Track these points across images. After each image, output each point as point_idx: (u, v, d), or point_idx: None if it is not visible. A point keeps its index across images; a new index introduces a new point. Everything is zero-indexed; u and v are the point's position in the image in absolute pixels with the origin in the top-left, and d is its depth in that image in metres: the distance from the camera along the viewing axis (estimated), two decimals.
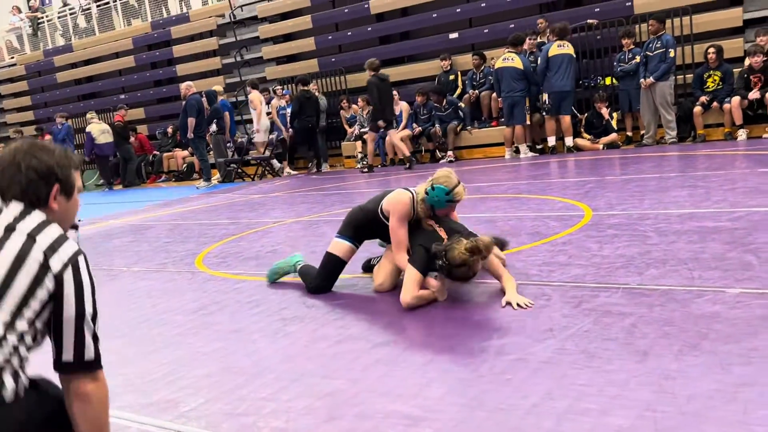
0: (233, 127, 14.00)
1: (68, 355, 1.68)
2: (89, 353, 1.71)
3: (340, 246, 4.06)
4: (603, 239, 4.51)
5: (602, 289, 3.44)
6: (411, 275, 3.56)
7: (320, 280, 4.09)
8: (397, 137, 11.75)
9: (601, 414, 2.17)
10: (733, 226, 4.39)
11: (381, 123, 11.21)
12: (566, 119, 10.34)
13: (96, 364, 1.72)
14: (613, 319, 3.00)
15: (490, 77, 11.32)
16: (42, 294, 1.64)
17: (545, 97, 10.34)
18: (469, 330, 3.15)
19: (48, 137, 17.87)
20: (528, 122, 10.64)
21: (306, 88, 12.68)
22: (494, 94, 11.30)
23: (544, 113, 10.50)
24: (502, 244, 4.22)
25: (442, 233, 3.70)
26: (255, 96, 13.04)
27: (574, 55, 10.32)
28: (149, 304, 4.39)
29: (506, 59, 10.42)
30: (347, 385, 2.66)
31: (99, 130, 15.30)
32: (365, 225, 4.06)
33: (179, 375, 3.01)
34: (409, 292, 3.50)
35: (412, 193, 3.85)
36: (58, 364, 1.70)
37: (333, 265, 4.06)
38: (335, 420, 2.37)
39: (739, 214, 4.74)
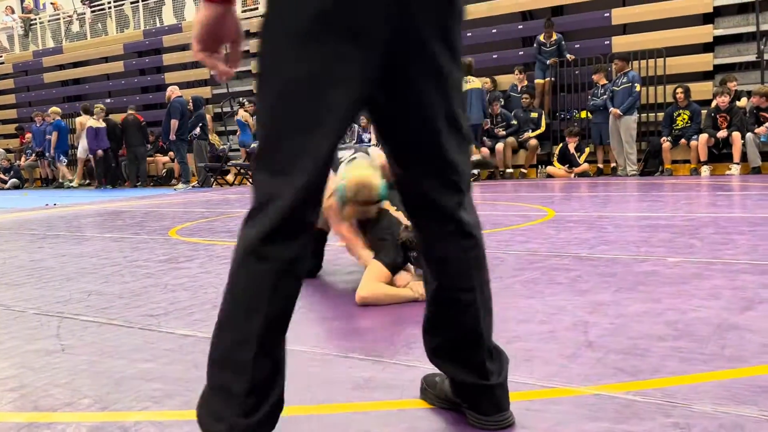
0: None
1: None
2: None
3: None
4: (561, 228, 4.74)
5: (554, 256, 3.64)
6: (373, 269, 2.85)
7: None
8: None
9: (538, 323, 2.35)
10: (684, 224, 4.66)
11: None
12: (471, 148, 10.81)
13: None
14: (560, 272, 3.21)
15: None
16: None
17: None
18: None
19: (28, 136, 17.94)
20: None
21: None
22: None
23: None
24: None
25: (402, 216, 2.95)
26: (81, 120, 14.92)
27: (482, 87, 10.84)
28: (120, 256, 4.51)
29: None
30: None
31: None
32: None
33: (149, 298, 3.15)
34: (366, 286, 2.78)
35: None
36: None
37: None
38: None
39: (692, 217, 5.01)
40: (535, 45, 11.78)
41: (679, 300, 2.57)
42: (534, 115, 11.32)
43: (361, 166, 3.05)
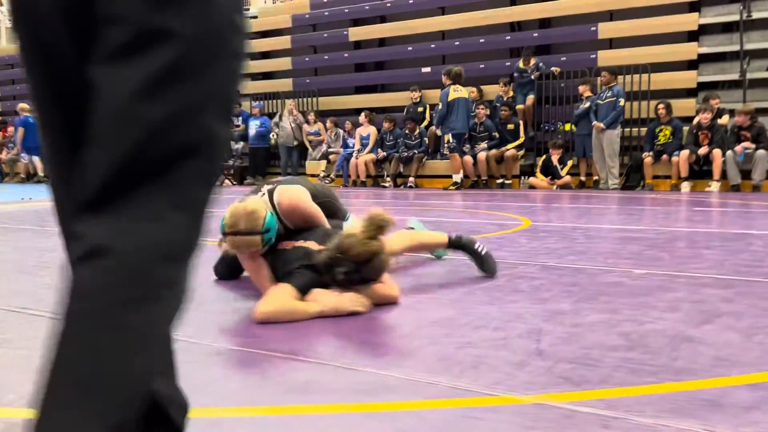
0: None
1: None
2: None
3: None
4: (534, 238, 4.70)
5: (521, 264, 3.60)
6: (277, 289, 2.59)
7: (217, 262, 3.31)
8: (361, 160, 12.15)
9: (492, 330, 2.30)
10: (656, 237, 4.64)
11: None
12: (455, 157, 10.87)
13: None
14: (524, 280, 3.17)
15: None
16: None
17: (448, 137, 10.84)
18: None
19: (11, 130, 17.74)
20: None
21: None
22: None
23: (447, 152, 11.05)
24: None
25: (313, 245, 2.80)
26: None
27: (468, 97, 10.84)
28: None
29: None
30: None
31: None
32: None
33: None
34: (270, 302, 2.50)
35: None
36: None
37: None
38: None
39: (665, 231, 5.00)
40: (515, 73, 11.77)
41: (639, 311, 2.53)
42: (511, 126, 11.30)
43: (249, 199, 2.81)
